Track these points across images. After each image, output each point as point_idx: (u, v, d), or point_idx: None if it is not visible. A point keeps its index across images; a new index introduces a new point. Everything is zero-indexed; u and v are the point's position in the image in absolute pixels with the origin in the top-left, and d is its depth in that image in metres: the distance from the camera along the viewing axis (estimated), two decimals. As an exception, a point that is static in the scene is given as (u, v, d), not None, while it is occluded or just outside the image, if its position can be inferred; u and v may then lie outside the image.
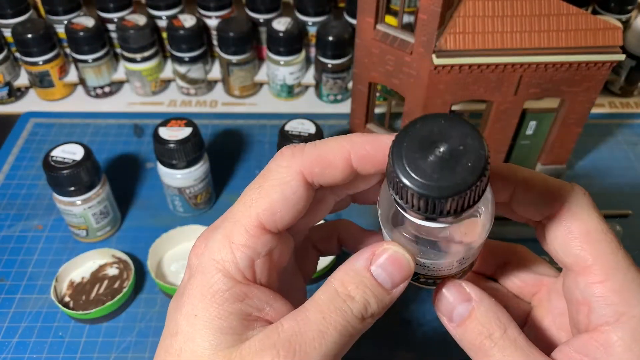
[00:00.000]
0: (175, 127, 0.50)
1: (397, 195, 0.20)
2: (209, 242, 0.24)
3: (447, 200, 0.19)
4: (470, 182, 0.19)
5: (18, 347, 0.44)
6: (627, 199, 0.57)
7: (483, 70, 0.46)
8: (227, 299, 0.23)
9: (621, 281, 0.23)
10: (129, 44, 0.65)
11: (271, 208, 0.23)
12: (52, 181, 0.47)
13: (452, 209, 0.20)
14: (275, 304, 0.24)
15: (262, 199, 0.24)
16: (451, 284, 0.25)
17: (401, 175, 0.20)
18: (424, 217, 0.20)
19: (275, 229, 0.24)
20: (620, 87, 0.70)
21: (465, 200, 0.20)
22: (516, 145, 0.55)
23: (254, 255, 0.24)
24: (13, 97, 0.70)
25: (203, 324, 0.22)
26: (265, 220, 0.24)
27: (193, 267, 0.24)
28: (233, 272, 0.23)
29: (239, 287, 0.23)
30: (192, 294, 0.23)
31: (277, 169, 0.24)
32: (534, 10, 0.45)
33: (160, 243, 0.50)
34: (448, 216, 0.20)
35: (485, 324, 0.24)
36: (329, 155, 0.24)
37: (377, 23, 0.50)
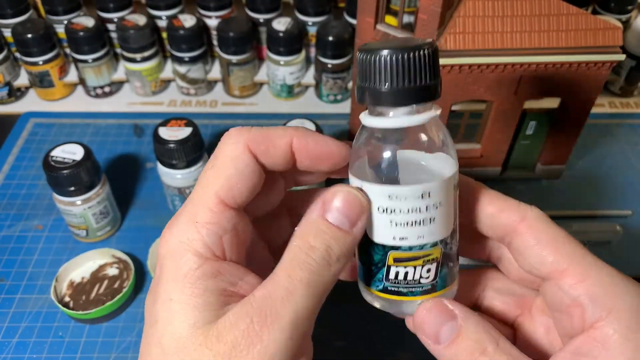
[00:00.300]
0: (175, 127, 0.50)
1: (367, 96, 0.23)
2: (173, 228, 0.24)
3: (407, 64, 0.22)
4: (420, 43, 0.22)
5: (18, 347, 0.44)
6: (627, 199, 0.57)
7: (483, 70, 0.46)
8: (200, 277, 0.23)
9: (600, 276, 0.23)
10: (129, 44, 0.65)
11: (228, 183, 0.24)
12: (52, 181, 0.47)
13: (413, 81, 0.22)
14: (247, 277, 0.24)
15: (217, 176, 0.24)
16: (431, 304, 0.24)
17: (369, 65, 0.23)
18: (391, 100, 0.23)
19: (235, 204, 0.24)
20: (620, 87, 0.70)
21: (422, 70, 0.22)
22: (516, 145, 0.55)
23: (220, 231, 0.24)
24: (13, 97, 0.70)
25: (179, 305, 0.22)
26: (224, 195, 0.24)
27: (162, 255, 0.24)
28: (202, 250, 0.23)
29: (210, 263, 0.23)
30: (165, 279, 0.23)
31: (226, 147, 0.25)
32: (534, 10, 0.45)
33: (160, 243, 0.50)
34: (411, 97, 0.22)
35: (477, 340, 0.23)
36: (273, 137, 0.25)
37: (377, 23, 0.50)
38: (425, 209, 0.23)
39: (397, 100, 0.23)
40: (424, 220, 0.24)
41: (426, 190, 0.23)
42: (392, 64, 0.22)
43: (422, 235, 0.24)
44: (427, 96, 0.23)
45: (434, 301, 0.24)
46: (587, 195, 0.57)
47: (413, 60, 0.22)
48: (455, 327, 0.24)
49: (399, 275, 0.24)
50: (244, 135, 0.25)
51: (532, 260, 0.25)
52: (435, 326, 0.24)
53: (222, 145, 0.25)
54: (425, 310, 0.24)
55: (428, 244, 0.24)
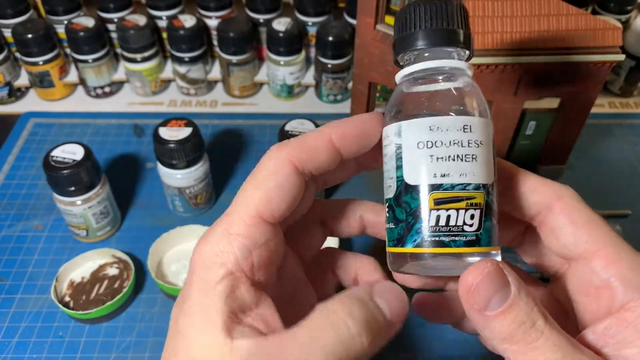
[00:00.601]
0: (175, 127, 0.50)
1: (406, 43, 0.24)
2: (208, 237, 0.24)
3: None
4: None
5: (18, 347, 0.44)
6: (627, 199, 0.57)
7: (483, 71, 0.46)
8: (215, 293, 0.23)
9: (633, 260, 0.23)
10: (129, 44, 0.65)
11: (266, 196, 0.24)
12: (52, 181, 0.47)
13: (450, 23, 0.24)
14: (261, 307, 0.23)
15: (257, 189, 0.24)
16: (486, 265, 0.22)
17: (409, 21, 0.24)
18: (430, 39, 0.24)
19: (272, 218, 0.24)
20: (620, 87, 0.70)
21: (455, 17, 0.24)
22: (516, 145, 0.55)
23: (251, 244, 0.24)
24: (13, 97, 0.70)
25: (196, 320, 0.23)
26: (262, 209, 0.24)
27: (193, 262, 0.24)
28: (230, 263, 0.23)
29: (230, 279, 0.23)
30: (192, 289, 0.23)
31: (268, 161, 0.25)
32: (534, 10, 0.45)
33: (160, 243, 0.50)
34: (447, 38, 0.24)
35: (528, 312, 0.22)
36: (312, 142, 0.25)
37: (377, 23, 0.50)
38: (467, 144, 0.23)
39: (435, 40, 0.24)
40: (466, 156, 0.23)
41: (468, 123, 0.23)
42: (428, 10, 0.24)
43: (465, 173, 0.23)
44: (460, 41, 0.24)
45: (489, 263, 0.22)
46: (587, 195, 0.57)
47: (446, 8, 0.24)
48: (507, 295, 0.22)
49: (440, 219, 0.23)
50: (283, 150, 0.25)
51: (565, 240, 0.24)
52: (487, 292, 0.22)
53: (262, 161, 0.25)
54: (477, 272, 0.22)
55: (471, 185, 0.23)
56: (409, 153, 0.24)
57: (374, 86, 0.56)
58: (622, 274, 0.23)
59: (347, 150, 0.25)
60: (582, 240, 0.24)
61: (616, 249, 0.24)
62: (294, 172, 0.25)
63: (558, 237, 0.25)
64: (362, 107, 0.58)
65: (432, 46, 0.24)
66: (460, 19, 0.24)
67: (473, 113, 0.24)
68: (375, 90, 0.57)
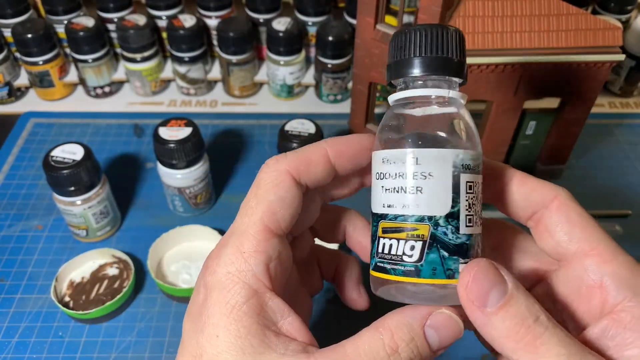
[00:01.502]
0: (175, 127, 0.50)
1: (397, 69, 0.25)
2: (220, 258, 0.24)
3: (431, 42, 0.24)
4: (449, 26, 0.24)
5: (18, 347, 0.44)
6: (627, 199, 0.57)
7: (483, 70, 0.46)
8: (246, 313, 0.23)
9: (625, 258, 0.23)
10: (129, 44, 0.65)
11: (271, 209, 0.24)
12: (52, 181, 0.47)
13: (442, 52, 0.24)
14: (289, 317, 0.24)
15: (260, 204, 0.25)
16: (483, 264, 0.22)
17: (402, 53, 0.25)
18: (425, 69, 0.24)
19: (279, 230, 0.25)
20: (620, 87, 0.70)
21: (449, 46, 0.24)
22: (516, 145, 0.55)
23: (267, 259, 0.24)
24: (13, 97, 0.70)
25: (225, 345, 0.22)
26: (268, 222, 0.24)
27: (209, 285, 0.24)
28: (251, 281, 0.23)
29: (257, 298, 0.23)
30: (212, 313, 0.23)
31: (267, 175, 0.25)
32: (534, 10, 0.45)
33: (160, 243, 0.50)
34: (438, 67, 0.24)
35: (529, 307, 0.21)
36: (310, 155, 0.26)
37: (377, 23, 0.50)
38: (412, 176, 0.23)
39: (427, 68, 0.24)
40: (410, 188, 0.23)
41: (416, 155, 0.23)
42: (425, 37, 0.24)
43: (408, 205, 0.23)
44: (452, 70, 0.24)
45: (481, 261, 0.22)
46: (587, 195, 0.57)
47: (443, 36, 0.24)
48: (504, 290, 0.22)
49: (385, 247, 0.24)
50: (282, 162, 0.25)
51: (560, 237, 0.24)
52: (483, 287, 0.22)
53: (261, 175, 0.26)
54: (471, 271, 0.22)
55: (413, 217, 0.23)
56: (373, 182, 0.25)
57: (374, 86, 0.56)
58: (616, 273, 0.23)
59: (341, 167, 0.26)
60: (576, 238, 0.24)
61: (609, 248, 0.24)
62: (293, 183, 0.25)
63: (553, 235, 0.25)
64: (362, 107, 0.58)
65: (424, 74, 0.24)
66: (456, 47, 0.24)
67: (452, 141, 0.24)
68: (375, 90, 0.57)
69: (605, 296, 0.23)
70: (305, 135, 0.50)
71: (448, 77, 0.24)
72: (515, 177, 0.26)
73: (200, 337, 0.23)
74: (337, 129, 0.66)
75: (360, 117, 0.59)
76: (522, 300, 0.22)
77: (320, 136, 0.50)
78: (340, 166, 0.26)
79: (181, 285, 0.48)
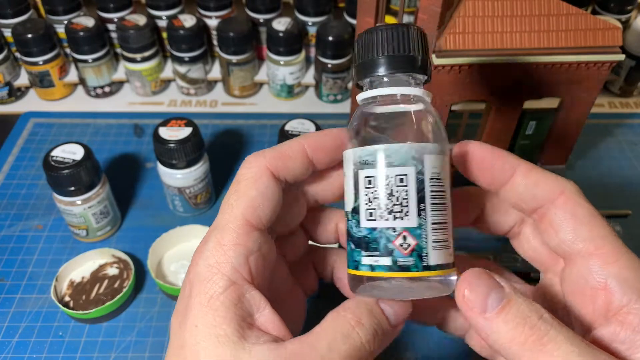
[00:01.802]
0: (175, 127, 0.50)
1: (363, 68, 0.25)
2: (202, 252, 0.25)
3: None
4: (410, 24, 0.25)
5: (18, 347, 0.44)
6: (627, 199, 0.57)
7: (483, 70, 0.46)
8: (222, 303, 0.23)
9: (631, 261, 0.23)
10: (129, 44, 0.65)
11: (251, 204, 0.25)
12: (52, 181, 0.47)
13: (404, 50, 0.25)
14: (265, 310, 0.24)
15: (240, 199, 0.25)
16: (477, 272, 0.23)
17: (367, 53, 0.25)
18: (384, 67, 0.25)
19: (260, 224, 0.25)
20: (619, 87, 0.70)
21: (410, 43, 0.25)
22: (516, 145, 0.55)
23: (246, 252, 0.24)
24: (13, 97, 0.70)
25: (203, 334, 0.23)
26: (249, 216, 0.25)
27: (191, 279, 0.24)
28: (229, 273, 0.24)
29: (234, 289, 0.23)
30: (192, 304, 0.24)
31: (247, 171, 0.26)
32: (534, 10, 0.45)
33: (160, 243, 0.50)
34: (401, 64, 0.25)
35: (529, 306, 0.21)
36: (287, 151, 0.27)
37: (377, 23, 0.49)
38: (344, 174, 0.26)
39: (390, 66, 0.25)
40: (343, 183, 0.26)
41: (346, 155, 0.26)
42: (387, 37, 0.25)
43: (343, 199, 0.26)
44: (417, 67, 0.25)
45: (475, 270, 0.23)
46: (587, 195, 0.57)
47: (404, 35, 0.25)
48: (502, 294, 0.22)
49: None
50: (260, 158, 0.26)
51: (564, 235, 0.24)
52: (482, 293, 0.22)
53: (241, 171, 0.26)
54: (469, 279, 0.22)
55: (345, 213, 0.26)
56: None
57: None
58: (620, 275, 0.22)
59: (319, 161, 0.27)
60: (581, 236, 0.24)
61: (615, 248, 0.23)
62: (273, 179, 0.26)
63: (557, 232, 0.24)
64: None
65: (388, 72, 0.25)
66: (418, 44, 0.25)
67: (423, 139, 0.25)
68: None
69: (609, 298, 0.22)
70: (305, 135, 0.50)
71: (410, 73, 0.25)
72: (520, 167, 0.25)
73: (183, 329, 0.24)
74: (337, 129, 0.66)
75: (360, 117, 0.59)
76: (522, 300, 0.22)
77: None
78: (317, 160, 0.27)
79: (181, 285, 0.48)
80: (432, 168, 0.24)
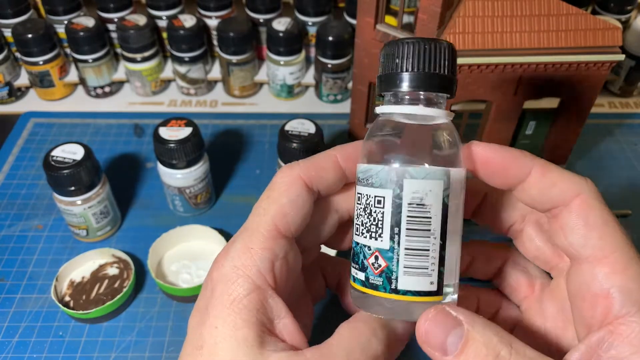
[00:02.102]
0: (175, 127, 0.50)
1: (386, 82, 0.25)
2: (228, 253, 0.25)
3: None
4: (441, 40, 0.24)
5: (18, 347, 0.44)
6: (627, 199, 0.57)
7: (483, 71, 0.46)
8: (246, 306, 0.23)
9: (638, 269, 0.23)
10: (129, 44, 0.65)
11: (282, 211, 0.25)
12: (52, 181, 0.47)
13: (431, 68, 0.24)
14: (285, 319, 0.24)
15: (272, 205, 0.25)
16: (433, 312, 0.23)
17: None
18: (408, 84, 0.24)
19: (288, 232, 0.25)
20: (619, 87, 0.70)
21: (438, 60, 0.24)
22: (516, 145, 0.55)
23: (273, 257, 0.24)
24: (13, 97, 0.70)
25: (223, 335, 0.23)
26: (278, 222, 0.25)
27: (214, 279, 0.24)
28: (254, 276, 0.24)
29: (258, 293, 0.24)
30: (214, 304, 0.24)
31: (280, 180, 0.26)
32: (534, 10, 0.45)
33: (160, 243, 0.50)
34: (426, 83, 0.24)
35: (488, 344, 0.21)
36: (321, 161, 0.27)
37: (377, 23, 0.50)
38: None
39: (413, 84, 0.24)
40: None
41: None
42: (417, 51, 0.24)
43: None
44: (441, 86, 0.24)
45: (434, 310, 0.23)
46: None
47: (434, 50, 0.24)
48: (461, 333, 0.22)
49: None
50: (294, 168, 0.26)
51: (574, 240, 0.24)
52: (441, 336, 0.22)
53: (275, 179, 0.27)
54: (427, 319, 0.23)
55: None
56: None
57: (374, 86, 0.56)
58: (625, 285, 0.22)
59: (351, 172, 0.27)
60: (591, 243, 0.23)
61: (624, 258, 0.23)
62: (305, 188, 0.26)
63: (567, 236, 0.24)
64: (362, 107, 0.58)
65: (413, 90, 0.24)
66: (446, 62, 0.24)
67: (415, 161, 0.24)
68: (375, 90, 0.57)
69: (609, 307, 0.22)
70: (305, 135, 0.50)
71: (436, 93, 0.24)
72: (537, 166, 0.25)
73: (202, 328, 0.24)
74: (337, 129, 0.66)
75: (360, 117, 0.59)
76: (479, 338, 0.21)
77: (320, 136, 0.50)
78: (349, 171, 0.27)
79: (181, 285, 0.48)
80: (412, 193, 0.23)
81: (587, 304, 0.23)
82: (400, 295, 0.23)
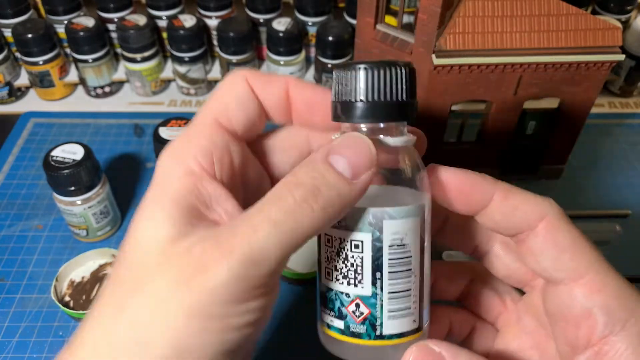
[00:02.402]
0: (175, 127, 0.50)
1: (339, 110, 0.23)
2: (169, 146, 0.24)
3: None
4: (396, 61, 0.22)
5: (18, 347, 0.44)
6: (627, 199, 0.57)
7: (483, 71, 0.46)
8: (174, 187, 0.22)
9: (616, 288, 0.22)
10: (129, 44, 0.65)
11: (225, 106, 0.25)
12: (52, 181, 0.47)
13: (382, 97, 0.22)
14: (226, 204, 0.23)
15: (214, 100, 0.25)
16: (415, 350, 0.22)
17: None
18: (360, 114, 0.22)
19: (230, 126, 0.25)
20: (619, 87, 0.70)
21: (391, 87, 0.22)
22: (516, 145, 0.55)
23: (211, 146, 0.24)
24: (13, 97, 0.70)
25: (148, 214, 0.22)
26: (219, 115, 0.25)
27: (155, 172, 0.24)
28: (190, 163, 0.23)
29: (191, 178, 0.23)
30: (149, 190, 0.24)
31: (226, 78, 0.26)
32: (534, 10, 0.45)
33: (161, 243, 0.50)
34: (380, 113, 0.22)
35: None
36: (271, 76, 0.26)
37: (377, 23, 0.50)
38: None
39: (367, 114, 0.22)
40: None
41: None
42: (365, 78, 0.22)
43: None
44: (400, 115, 0.22)
45: (416, 347, 0.22)
46: (587, 195, 0.57)
47: (390, 77, 0.22)
48: None
49: None
50: (243, 71, 0.26)
51: (546, 263, 0.23)
52: None
53: (223, 79, 0.26)
54: (410, 357, 0.22)
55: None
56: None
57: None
58: (605, 304, 0.22)
59: (296, 108, 0.26)
60: (564, 266, 0.23)
61: (599, 276, 0.22)
62: (249, 90, 0.25)
63: (539, 261, 0.23)
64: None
65: (368, 122, 0.22)
66: (405, 86, 0.22)
67: (388, 202, 0.22)
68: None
69: (592, 327, 0.22)
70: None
71: (395, 123, 0.23)
72: (498, 191, 0.24)
73: (135, 216, 0.23)
74: (337, 129, 0.66)
75: (360, 117, 0.59)
76: None
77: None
78: (295, 107, 0.26)
79: (181, 285, 0.48)
80: (392, 235, 0.22)
81: (570, 325, 0.23)
82: (385, 341, 0.22)
